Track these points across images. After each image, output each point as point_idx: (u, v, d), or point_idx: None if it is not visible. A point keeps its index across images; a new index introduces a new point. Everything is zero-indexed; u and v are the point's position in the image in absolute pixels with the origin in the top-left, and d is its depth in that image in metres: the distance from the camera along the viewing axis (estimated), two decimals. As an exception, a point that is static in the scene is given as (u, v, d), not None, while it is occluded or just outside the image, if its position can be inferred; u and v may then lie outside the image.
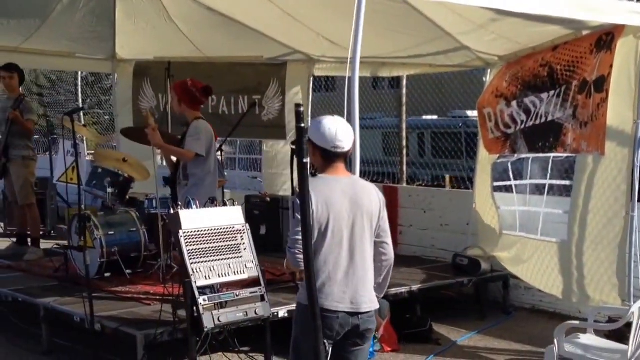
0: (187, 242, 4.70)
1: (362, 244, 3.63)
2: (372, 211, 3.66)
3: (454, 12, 6.25)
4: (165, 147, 5.92)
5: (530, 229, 6.64)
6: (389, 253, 3.76)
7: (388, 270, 3.80)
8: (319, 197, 3.51)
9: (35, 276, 6.94)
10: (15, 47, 8.99)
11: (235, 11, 8.13)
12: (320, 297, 3.53)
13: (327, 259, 3.57)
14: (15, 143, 7.72)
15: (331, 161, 3.63)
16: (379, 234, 3.71)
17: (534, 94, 6.56)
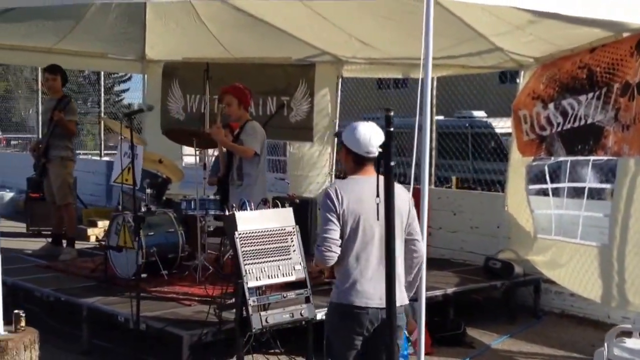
0: (242, 244, 4.72)
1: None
2: (402, 209, 3.76)
3: (491, 13, 6.24)
4: (228, 144, 6.01)
5: (567, 232, 6.62)
6: (419, 250, 3.87)
7: (419, 268, 3.91)
8: (350, 196, 3.68)
9: (73, 276, 6.97)
10: (50, 48, 9.08)
11: (265, 12, 8.17)
12: (351, 295, 3.68)
13: (359, 256, 3.70)
14: (56, 144, 7.78)
15: (362, 164, 3.80)
16: (409, 231, 3.83)
17: (572, 96, 6.56)
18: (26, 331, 4.76)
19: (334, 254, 3.68)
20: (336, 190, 3.72)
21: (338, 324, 3.78)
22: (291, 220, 5.06)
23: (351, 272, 3.70)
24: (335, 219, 3.67)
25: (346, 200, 3.67)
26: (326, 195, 3.73)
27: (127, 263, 6.65)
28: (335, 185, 3.78)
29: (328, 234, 3.67)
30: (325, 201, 3.72)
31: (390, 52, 8.37)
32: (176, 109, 10.01)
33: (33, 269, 7.34)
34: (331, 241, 3.67)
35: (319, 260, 3.71)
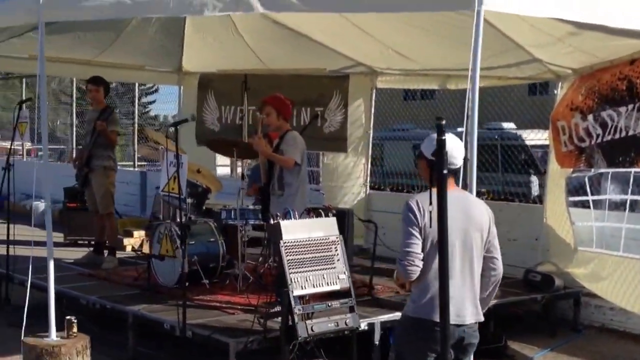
0: (287, 252, 4.78)
1: (472, 258, 3.70)
2: (483, 226, 3.73)
3: (532, 25, 6.27)
4: (269, 154, 6.08)
5: (610, 245, 6.59)
6: (498, 268, 3.83)
7: (495, 286, 3.86)
8: (431, 210, 3.51)
9: (116, 284, 7.07)
10: (89, 60, 9.23)
11: (303, 24, 8.27)
12: (430, 310, 3.62)
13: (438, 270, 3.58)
14: (99, 153, 7.91)
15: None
16: (488, 248, 3.78)
17: (611, 107, 6.57)
18: (78, 337, 4.89)
19: (416, 267, 3.61)
20: (417, 202, 3.65)
21: (413, 338, 3.72)
22: (335, 229, 5.12)
23: (430, 287, 3.62)
24: (417, 232, 3.61)
25: (427, 214, 3.55)
26: (407, 208, 3.66)
27: (169, 271, 6.75)
28: (416, 197, 3.71)
29: (410, 247, 3.60)
30: (406, 214, 3.65)
31: (427, 64, 8.42)
32: (211, 120, 10.13)
33: (76, 277, 7.46)
34: (414, 255, 3.60)
35: (401, 274, 3.65)
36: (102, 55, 9.11)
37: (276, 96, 6.38)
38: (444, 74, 8.62)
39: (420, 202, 3.64)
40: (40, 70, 5.09)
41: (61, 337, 4.89)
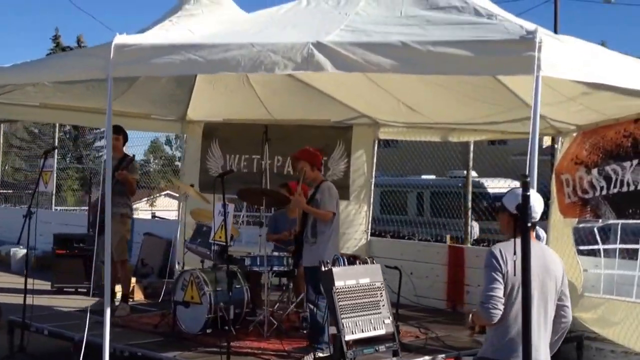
0: (339, 298, 5.01)
1: (547, 305, 3.99)
2: (557, 276, 4.03)
3: (546, 85, 6.68)
4: (310, 210, 6.28)
5: (620, 291, 6.95)
6: (568, 316, 4.12)
7: (564, 331, 4.15)
8: (515, 259, 3.79)
9: (136, 331, 7.13)
10: (99, 108, 9.37)
11: (317, 79, 8.59)
12: (507, 353, 3.90)
13: (517, 316, 3.87)
14: (116, 201, 8.00)
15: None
16: (560, 297, 4.07)
17: (615, 162, 7.00)
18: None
19: (499, 311, 3.84)
20: (500, 251, 3.91)
21: None
22: (379, 275, 5.39)
23: (509, 331, 3.89)
24: (501, 277, 3.86)
25: (510, 263, 3.81)
26: (491, 255, 3.92)
27: (192, 318, 6.88)
28: (499, 246, 3.97)
29: (494, 292, 3.84)
30: (490, 260, 3.90)
31: (434, 117, 8.80)
32: (215, 168, 10.33)
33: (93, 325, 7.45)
34: (497, 299, 3.84)
35: (484, 316, 3.88)
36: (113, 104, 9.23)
37: (306, 150, 6.63)
38: (448, 127, 9.02)
39: (502, 251, 3.91)
40: (107, 124, 5.28)
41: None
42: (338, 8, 5.57)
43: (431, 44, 4.39)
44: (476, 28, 4.59)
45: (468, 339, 7.39)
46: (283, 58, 4.61)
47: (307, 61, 4.56)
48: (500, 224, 4.15)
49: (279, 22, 5.60)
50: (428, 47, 4.38)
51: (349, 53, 4.50)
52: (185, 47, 4.84)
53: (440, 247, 9.86)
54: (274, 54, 4.63)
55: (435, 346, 6.82)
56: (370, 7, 5.42)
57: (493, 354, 3.96)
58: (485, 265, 3.92)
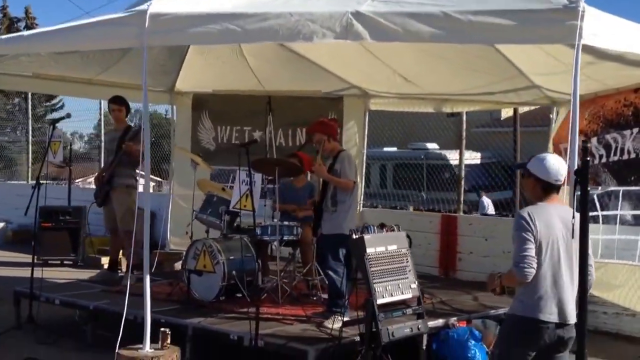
0: (371, 265, 5.14)
1: (572, 264, 4.16)
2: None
3: (549, 54, 6.85)
4: (332, 179, 6.34)
5: (621, 256, 7.20)
6: (592, 273, 4.27)
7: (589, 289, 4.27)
8: (541, 220, 4.08)
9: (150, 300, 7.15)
10: (90, 79, 9.30)
11: (311, 50, 8.63)
12: (536, 309, 4.10)
13: (546, 274, 4.09)
14: (122, 172, 8.02)
15: (550, 192, 4.24)
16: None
17: (615, 130, 7.24)
18: (171, 348, 5.06)
19: (533, 270, 4.02)
20: (529, 213, 4.11)
21: (520, 334, 4.15)
22: (405, 242, 5.53)
23: (538, 289, 4.09)
24: (532, 237, 4.05)
25: (537, 223, 4.04)
26: (521, 218, 4.09)
27: (206, 286, 6.95)
28: (527, 209, 4.17)
29: (527, 252, 4.01)
30: (520, 223, 4.07)
31: (429, 89, 8.94)
32: (207, 139, 10.34)
33: (103, 294, 7.51)
34: (531, 258, 4.01)
35: (520, 276, 4.04)
36: (104, 74, 9.19)
37: (320, 122, 6.68)
38: (441, 98, 9.16)
39: (531, 213, 4.10)
40: (144, 93, 5.28)
41: (155, 349, 5.05)
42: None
43: (472, 13, 4.49)
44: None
45: (473, 302, 7.64)
46: (322, 27, 4.65)
47: (346, 30, 4.62)
48: (525, 189, 4.37)
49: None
50: (469, 17, 4.47)
51: (388, 23, 4.57)
52: (222, 17, 4.84)
53: (434, 216, 10.05)
54: (312, 23, 4.67)
55: (445, 310, 7.03)
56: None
57: (523, 312, 4.14)
58: (516, 229, 4.09)
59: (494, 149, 18.04)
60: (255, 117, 9.98)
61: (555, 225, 4.11)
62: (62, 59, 8.32)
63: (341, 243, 6.17)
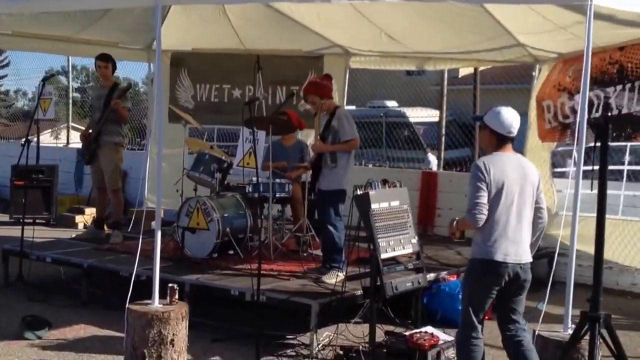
0: (375, 220, 5.24)
1: (526, 208, 4.49)
2: (534, 182, 4.55)
3: (539, 14, 6.93)
4: (334, 148, 6.34)
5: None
6: (544, 217, 4.64)
7: (541, 232, 4.66)
8: (495, 168, 4.42)
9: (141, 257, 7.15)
10: (69, 37, 9.12)
11: (296, 9, 8.56)
12: (491, 251, 4.40)
13: (499, 218, 4.41)
14: (109, 130, 7.95)
15: (504, 143, 4.53)
16: (537, 200, 4.57)
17: (599, 88, 7.40)
18: (179, 304, 5.12)
19: (484, 216, 4.37)
20: (484, 163, 4.44)
21: (481, 276, 4.46)
22: (406, 198, 5.63)
23: (493, 232, 4.39)
24: (485, 186, 4.37)
25: (492, 171, 4.38)
26: (476, 167, 4.44)
27: (198, 244, 6.99)
28: (482, 159, 4.49)
29: (479, 199, 4.36)
30: (475, 172, 4.42)
31: (413, 47, 8.97)
32: (185, 98, 10.26)
33: (93, 252, 7.50)
34: (482, 205, 4.36)
35: (471, 221, 4.38)
36: (84, 32, 9.03)
37: (313, 83, 6.66)
38: (424, 56, 9.23)
39: (486, 163, 4.43)
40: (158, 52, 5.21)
41: (163, 304, 5.09)
42: None
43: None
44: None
45: (458, 256, 7.81)
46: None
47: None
48: (480, 140, 4.69)
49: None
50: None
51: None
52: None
53: (414, 172, 10.20)
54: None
55: (433, 264, 7.19)
56: None
57: (480, 254, 4.44)
58: (471, 177, 4.43)
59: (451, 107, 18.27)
60: (235, 75, 9.95)
61: (508, 172, 4.42)
62: (43, 17, 8.17)
63: (341, 198, 6.25)
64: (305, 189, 7.35)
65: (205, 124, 10.20)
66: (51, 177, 11.95)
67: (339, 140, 6.33)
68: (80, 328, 6.18)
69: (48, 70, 39.48)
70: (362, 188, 5.37)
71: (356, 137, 6.37)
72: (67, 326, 6.21)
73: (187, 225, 7.01)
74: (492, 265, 4.38)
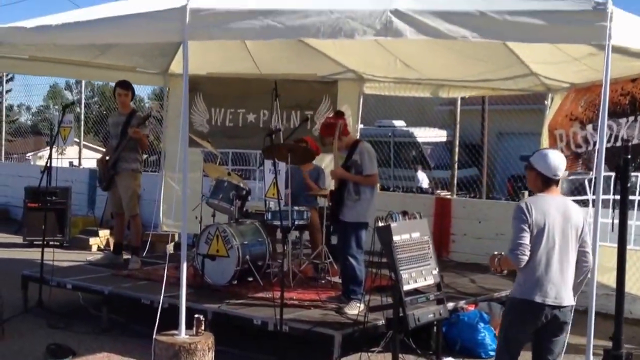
0: (397, 252, 5.34)
1: (569, 250, 4.52)
2: (578, 225, 4.57)
3: (553, 45, 7.05)
4: (353, 178, 6.47)
5: (614, 239, 7.49)
6: (589, 260, 4.64)
7: (585, 275, 4.67)
8: (538, 209, 4.43)
9: (159, 284, 7.23)
10: (86, 62, 9.23)
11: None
12: (532, 291, 4.44)
13: (541, 260, 4.45)
14: (127, 156, 8.05)
15: (549, 185, 4.59)
16: (581, 244, 4.59)
17: (611, 118, 7.49)
18: (205, 335, 5.20)
19: (526, 257, 4.41)
20: (527, 204, 4.49)
21: (519, 315, 4.51)
22: (427, 230, 5.73)
23: (535, 273, 4.44)
24: (527, 227, 4.42)
25: (534, 213, 4.43)
26: (519, 209, 4.48)
27: (218, 271, 7.08)
28: (526, 200, 4.57)
29: (522, 240, 4.40)
30: (518, 214, 4.47)
31: (427, 74, 9.10)
32: (200, 122, 10.37)
33: (112, 277, 7.59)
34: (524, 246, 4.40)
35: (514, 261, 4.43)
36: (101, 57, 9.14)
37: (327, 124, 6.83)
38: (438, 83, 9.35)
39: (529, 204, 4.48)
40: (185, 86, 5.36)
41: (190, 335, 5.17)
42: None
43: (508, 13, 4.66)
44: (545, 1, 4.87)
45: (473, 285, 7.90)
46: (362, 25, 4.78)
47: (386, 28, 4.75)
48: (528, 180, 4.71)
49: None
50: (505, 17, 4.65)
51: (427, 20, 4.71)
52: (263, 13, 4.93)
53: (427, 198, 10.30)
54: (352, 21, 4.79)
55: (450, 292, 7.26)
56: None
57: (521, 294, 4.50)
58: (514, 218, 4.47)
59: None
60: (250, 99, 10.06)
61: (552, 215, 4.47)
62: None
63: (363, 230, 6.35)
64: (323, 215, 7.46)
65: (219, 148, 10.30)
66: (65, 199, 12.01)
67: (360, 173, 6.45)
68: (103, 356, 6.24)
69: (53, 85, 39.64)
70: (384, 220, 5.47)
71: (376, 173, 6.52)
72: (90, 354, 6.26)
73: (207, 252, 7.10)
74: (530, 306, 4.43)
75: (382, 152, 19.12)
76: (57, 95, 41.68)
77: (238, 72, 10.04)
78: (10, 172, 15.62)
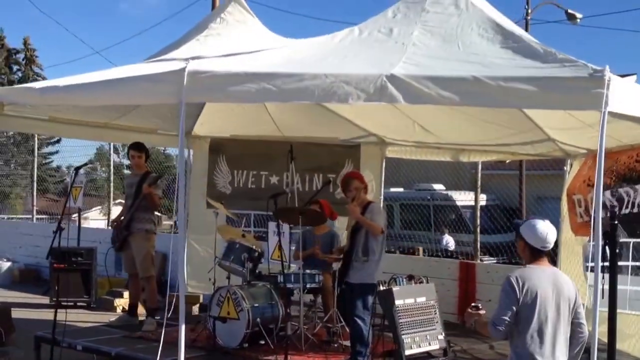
0: (399, 316, 5.29)
1: (562, 324, 4.42)
2: (570, 297, 4.48)
3: (565, 111, 7.04)
4: (363, 220, 6.51)
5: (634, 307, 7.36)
6: (584, 332, 4.54)
7: (582, 346, 4.56)
8: (528, 283, 4.32)
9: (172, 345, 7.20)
10: (106, 123, 9.40)
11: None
12: None
13: (533, 335, 4.34)
14: (140, 217, 8.15)
15: (538, 256, 4.48)
16: (576, 315, 4.50)
17: (628, 185, 7.43)
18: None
19: (503, 331, 4.33)
20: (516, 278, 4.37)
21: None
22: (434, 294, 5.68)
23: (528, 348, 4.34)
24: (513, 302, 4.31)
25: (524, 287, 4.32)
26: (508, 282, 4.38)
27: (229, 333, 7.07)
28: (516, 273, 4.43)
29: (505, 316, 4.31)
30: (506, 287, 4.38)
31: (446, 138, 9.12)
32: (223, 183, 10.49)
33: (124, 339, 7.59)
34: (505, 321, 4.31)
35: (491, 332, 4.36)
36: (122, 119, 9.29)
37: (360, 174, 6.97)
38: (458, 147, 9.35)
39: (519, 277, 4.37)
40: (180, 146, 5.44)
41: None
42: (392, 37, 5.83)
43: (502, 79, 4.68)
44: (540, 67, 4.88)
45: (490, 351, 7.74)
46: (356, 89, 4.84)
47: (379, 93, 4.80)
48: (517, 250, 4.62)
49: (337, 51, 5.82)
50: (499, 82, 4.67)
51: (421, 86, 4.75)
52: (260, 76, 5.04)
53: (451, 262, 10.19)
54: (347, 85, 4.86)
55: (465, 359, 7.13)
56: (425, 37, 5.70)
57: None
58: (502, 290, 4.38)
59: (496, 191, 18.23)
60: (272, 162, 10.15)
61: (543, 287, 4.36)
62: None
63: (370, 292, 6.33)
64: (335, 278, 7.44)
65: (242, 209, 10.40)
66: (90, 259, 12.09)
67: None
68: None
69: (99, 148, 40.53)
70: (386, 284, 5.44)
71: (381, 225, 6.52)
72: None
73: (218, 315, 7.10)
74: None
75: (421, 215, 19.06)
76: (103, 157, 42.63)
77: (260, 135, 10.18)
78: (42, 232, 15.86)
